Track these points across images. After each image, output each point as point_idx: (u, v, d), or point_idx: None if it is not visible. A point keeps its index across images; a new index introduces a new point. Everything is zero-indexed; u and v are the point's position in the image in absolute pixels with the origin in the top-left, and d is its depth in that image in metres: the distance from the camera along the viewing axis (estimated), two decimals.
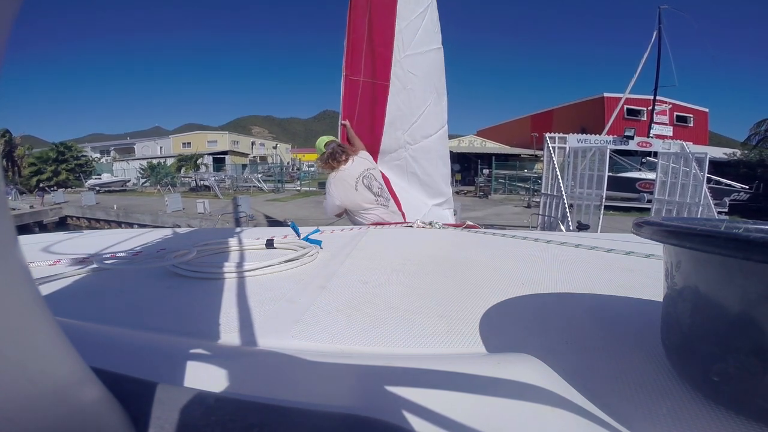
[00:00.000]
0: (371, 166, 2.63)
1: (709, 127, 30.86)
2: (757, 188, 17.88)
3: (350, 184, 2.51)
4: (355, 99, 2.86)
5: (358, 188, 2.51)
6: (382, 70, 2.85)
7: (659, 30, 17.31)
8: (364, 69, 2.83)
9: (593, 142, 9.07)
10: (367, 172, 2.57)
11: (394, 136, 2.96)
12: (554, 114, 33.29)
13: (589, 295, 0.79)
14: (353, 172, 2.52)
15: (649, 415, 0.40)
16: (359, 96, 2.86)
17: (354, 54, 2.80)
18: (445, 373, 0.44)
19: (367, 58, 2.82)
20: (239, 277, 0.89)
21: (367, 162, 2.62)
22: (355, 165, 2.55)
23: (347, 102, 2.87)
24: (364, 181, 2.53)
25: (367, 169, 2.58)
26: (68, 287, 0.86)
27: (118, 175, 32.19)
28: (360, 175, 2.53)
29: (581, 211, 7.75)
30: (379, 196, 2.57)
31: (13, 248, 0.20)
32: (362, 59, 2.81)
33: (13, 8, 0.18)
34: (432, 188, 3.11)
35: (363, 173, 2.54)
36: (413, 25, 2.87)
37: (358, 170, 2.54)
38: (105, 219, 16.28)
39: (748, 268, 0.34)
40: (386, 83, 2.86)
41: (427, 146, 3.03)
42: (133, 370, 0.35)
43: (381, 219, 2.48)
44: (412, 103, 2.96)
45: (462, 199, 17.81)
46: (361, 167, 2.56)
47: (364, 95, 2.87)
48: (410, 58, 2.89)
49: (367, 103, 2.88)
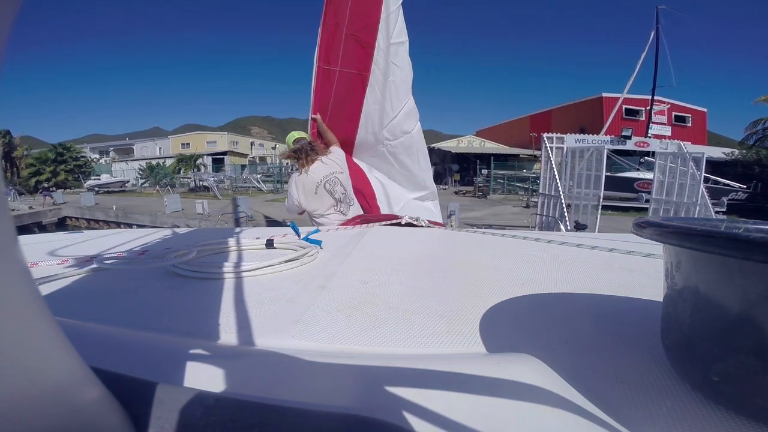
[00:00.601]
0: (338, 170, 2.54)
1: (707, 127, 30.92)
2: (755, 188, 17.91)
3: (311, 187, 2.47)
4: (329, 90, 2.76)
5: (319, 192, 2.47)
6: (363, 59, 2.73)
7: (657, 30, 17.33)
8: (342, 58, 2.72)
9: (591, 142, 9.08)
10: (332, 176, 2.50)
11: (371, 130, 2.87)
12: (553, 114, 33.35)
13: (589, 295, 0.79)
14: (316, 176, 2.47)
15: (649, 415, 0.40)
16: (334, 87, 2.76)
17: (332, 43, 2.69)
18: (445, 373, 0.44)
19: (345, 47, 2.70)
20: (239, 277, 0.89)
21: (335, 165, 2.53)
22: (320, 168, 2.49)
23: (320, 94, 2.76)
24: (327, 185, 2.48)
25: (332, 173, 2.50)
26: (68, 287, 0.86)
27: (117, 176, 32.17)
28: (323, 179, 2.47)
29: (579, 211, 7.77)
30: (340, 203, 2.52)
31: (13, 248, 0.20)
32: (340, 48, 2.69)
33: (13, 8, 0.18)
34: (413, 182, 3.05)
35: (327, 177, 2.48)
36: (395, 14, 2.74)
37: (322, 173, 2.48)
38: (104, 220, 16.27)
39: (748, 268, 0.34)
40: (366, 74, 2.75)
41: (407, 142, 2.94)
42: (133, 370, 0.34)
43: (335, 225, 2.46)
44: (393, 96, 2.83)
45: (461, 199, 17.82)
46: (325, 171, 2.49)
47: (340, 86, 2.77)
48: (394, 47, 2.76)
49: (342, 94, 2.78)
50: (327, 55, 2.71)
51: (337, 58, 2.71)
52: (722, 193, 16.21)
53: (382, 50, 2.74)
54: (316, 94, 2.78)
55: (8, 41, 0.19)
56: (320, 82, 2.76)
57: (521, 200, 18.90)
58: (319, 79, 2.76)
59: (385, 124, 2.84)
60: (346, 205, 2.55)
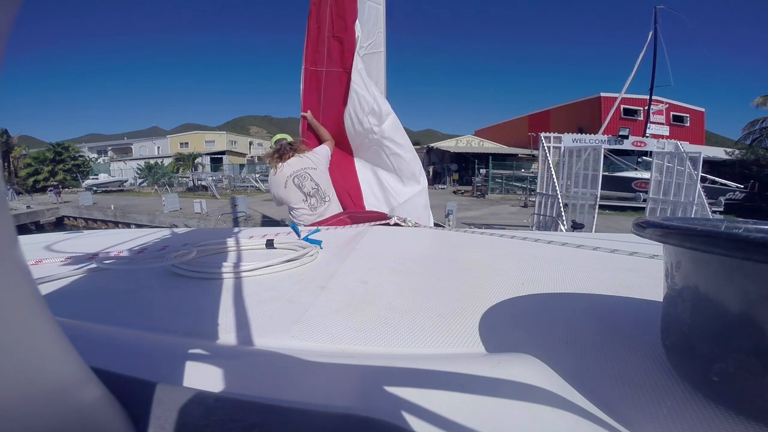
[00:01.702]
0: (310, 166, 2.61)
1: (705, 127, 30.99)
2: (752, 187, 17.97)
3: (281, 181, 2.57)
4: (319, 91, 2.83)
5: (288, 186, 2.56)
6: (347, 57, 2.79)
7: (655, 30, 17.36)
8: (327, 59, 2.79)
9: (588, 141, 9.09)
10: (302, 171, 2.58)
11: (357, 120, 2.89)
12: (552, 114, 33.40)
13: (590, 295, 0.79)
14: (286, 171, 2.56)
15: (649, 415, 0.40)
16: (323, 87, 2.83)
17: (316, 45, 2.77)
18: (445, 373, 0.44)
19: (329, 47, 2.78)
20: (239, 277, 0.89)
21: (308, 161, 2.62)
22: (293, 163, 2.58)
23: (310, 95, 2.84)
24: (295, 180, 2.56)
25: (303, 168, 2.58)
26: (68, 287, 0.86)
27: (116, 176, 32.13)
28: (292, 174, 2.56)
29: (576, 210, 7.79)
30: (309, 197, 2.59)
31: (13, 248, 0.20)
32: (324, 49, 2.77)
33: (13, 8, 0.18)
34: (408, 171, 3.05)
35: (296, 172, 2.57)
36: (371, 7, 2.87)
37: (292, 169, 2.57)
38: (102, 219, 16.26)
39: (748, 268, 0.34)
40: (350, 71, 2.80)
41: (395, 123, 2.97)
42: (133, 370, 0.34)
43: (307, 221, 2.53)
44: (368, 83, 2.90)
45: (459, 199, 17.84)
46: (296, 166, 2.58)
47: (328, 86, 2.83)
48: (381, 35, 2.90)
49: (331, 93, 2.85)
50: (313, 57, 2.80)
51: (323, 59, 2.79)
52: (720, 193, 16.26)
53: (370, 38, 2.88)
54: (306, 96, 2.86)
55: (8, 42, 0.19)
56: (309, 83, 2.84)
57: (519, 200, 18.93)
58: (307, 81, 2.84)
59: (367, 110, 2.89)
60: (318, 200, 2.60)
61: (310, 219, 2.55)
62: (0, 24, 0.18)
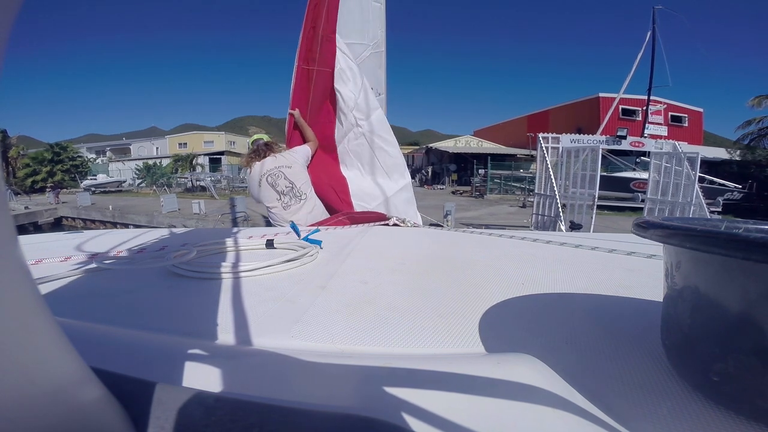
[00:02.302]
0: (285, 164, 2.62)
1: (704, 127, 31.02)
2: (750, 187, 18.00)
3: (255, 180, 2.60)
4: (308, 89, 2.85)
5: (261, 185, 2.58)
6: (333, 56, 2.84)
7: (653, 30, 17.39)
8: (319, 58, 2.82)
9: (586, 142, 9.11)
10: (275, 170, 2.59)
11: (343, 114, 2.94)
12: (550, 114, 33.41)
13: (590, 295, 0.79)
14: (260, 170, 2.59)
15: (649, 415, 0.40)
16: (312, 86, 2.85)
17: (311, 44, 2.80)
18: (445, 374, 0.44)
19: (322, 47, 2.81)
20: (239, 277, 0.89)
21: (284, 159, 2.63)
22: (267, 163, 2.60)
23: (300, 92, 2.86)
24: (269, 179, 2.57)
25: (276, 167, 2.59)
26: (68, 287, 0.85)
27: (114, 176, 32.03)
28: (266, 172, 2.58)
29: (574, 210, 7.79)
30: (283, 195, 2.59)
31: (13, 248, 0.20)
32: (317, 49, 2.80)
33: (13, 8, 0.18)
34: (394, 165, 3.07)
35: (270, 171, 2.58)
36: None
37: (266, 168, 2.59)
38: (100, 220, 16.22)
39: (748, 268, 0.34)
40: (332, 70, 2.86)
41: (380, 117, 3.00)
42: (133, 370, 0.34)
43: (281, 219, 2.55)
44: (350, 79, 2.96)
45: (458, 199, 17.85)
46: (270, 165, 2.59)
47: (318, 85, 2.86)
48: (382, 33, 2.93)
49: (320, 92, 2.87)
50: (307, 55, 2.83)
51: (315, 58, 2.82)
52: (718, 193, 16.28)
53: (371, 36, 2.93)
54: (295, 93, 2.88)
55: (8, 42, 0.19)
56: (299, 81, 2.86)
57: (518, 200, 18.94)
58: (298, 79, 2.86)
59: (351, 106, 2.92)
60: (292, 198, 2.61)
61: (284, 217, 2.55)
62: (0, 24, 0.18)
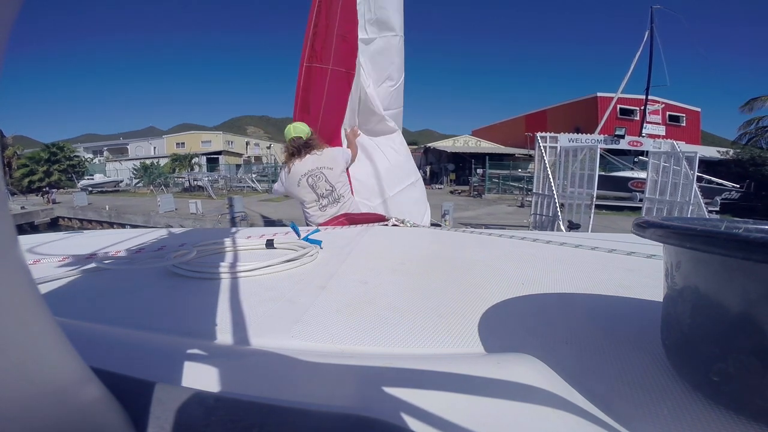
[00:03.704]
0: (326, 165, 2.59)
1: (701, 127, 31.08)
2: (748, 187, 18.03)
3: (295, 178, 2.56)
4: (321, 88, 2.80)
5: (300, 184, 2.56)
6: (350, 58, 2.80)
7: (651, 30, 17.42)
8: (333, 57, 2.77)
9: (584, 141, 9.11)
10: (317, 171, 2.56)
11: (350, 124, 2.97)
12: (548, 114, 33.42)
13: (589, 295, 0.79)
14: (301, 168, 2.56)
15: (649, 415, 0.40)
16: (327, 85, 2.80)
17: (324, 42, 2.75)
18: (445, 374, 0.44)
19: (336, 46, 2.76)
20: (239, 277, 0.89)
21: (325, 160, 2.60)
22: (309, 161, 2.57)
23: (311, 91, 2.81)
24: (309, 179, 2.55)
25: (318, 168, 2.57)
26: (68, 287, 0.85)
27: (111, 176, 31.93)
28: (307, 173, 2.55)
29: (573, 210, 7.80)
30: (322, 198, 2.58)
31: (13, 248, 0.20)
32: (332, 47, 2.75)
33: (13, 8, 0.18)
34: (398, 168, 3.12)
35: (311, 171, 2.56)
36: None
37: (307, 167, 2.56)
38: (97, 220, 16.15)
39: (749, 268, 0.34)
40: (352, 72, 2.82)
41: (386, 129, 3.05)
42: (133, 370, 0.34)
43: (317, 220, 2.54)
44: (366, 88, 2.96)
45: (456, 199, 17.86)
46: (311, 165, 2.57)
47: (331, 84, 2.81)
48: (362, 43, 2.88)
49: (332, 92, 2.83)
50: (320, 53, 2.75)
51: (329, 57, 2.76)
52: (716, 193, 16.31)
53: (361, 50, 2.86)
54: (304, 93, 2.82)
55: (8, 42, 0.19)
56: (308, 80, 2.80)
57: (516, 200, 18.94)
58: (307, 78, 2.80)
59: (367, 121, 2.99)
60: (331, 201, 2.59)
61: (320, 219, 2.54)
62: (0, 24, 0.18)
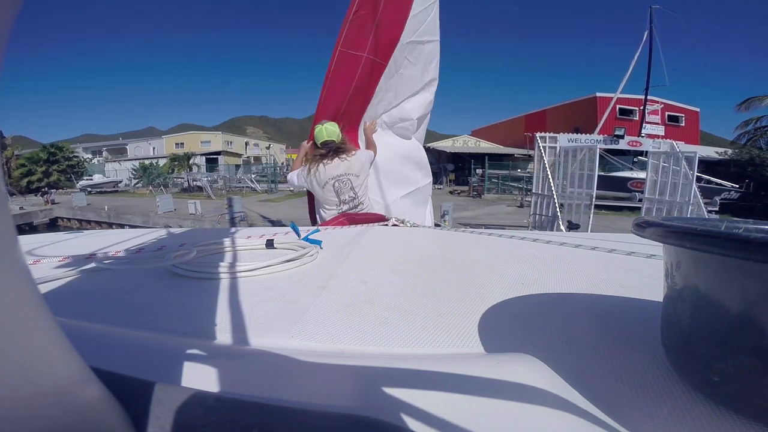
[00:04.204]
0: (354, 172, 2.60)
1: (700, 127, 31.12)
2: (747, 187, 18.06)
3: (322, 181, 2.58)
4: (353, 75, 2.76)
5: (326, 188, 2.58)
6: (386, 50, 2.80)
7: (651, 30, 17.46)
8: (370, 46, 2.73)
9: (584, 141, 9.12)
10: (344, 177, 2.58)
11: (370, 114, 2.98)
12: (548, 114, 33.45)
13: (589, 295, 0.79)
14: (331, 172, 2.57)
15: (649, 415, 0.40)
16: (358, 72, 2.77)
17: (363, 29, 2.69)
18: (445, 374, 0.44)
19: (375, 35, 2.73)
20: (239, 277, 0.89)
21: (352, 166, 2.60)
22: (337, 166, 2.58)
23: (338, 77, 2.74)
24: (336, 184, 2.57)
25: (346, 174, 2.58)
26: (68, 287, 0.85)
27: (110, 176, 31.86)
28: (334, 177, 2.57)
29: (572, 210, 7.81)
30: (344, 203, 2.60)
31: (13, 248, 0.20)
32: (370, 35, 2.71)
33: (13, 8, 0.18)
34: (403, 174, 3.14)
35: (339, 177, 2.57)
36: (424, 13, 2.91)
37: (336, 172, 2.57)
38: (96, 220, 16.12)
39: (749, 268, 0.34)
40: (385, 63, 2.82)
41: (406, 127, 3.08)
42: (133, 370, 0.34)
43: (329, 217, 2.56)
44: (399, 87, 2.98)
45: (455, 199, 17.87)
46: (340, 170, 2.58)
47: (363, 72, 2.79)
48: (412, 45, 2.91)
49: (363, 80, 2.82)
50: (356, 40, 2.69)
51: (366, 44, 2.72)
52: (715, 193, 16.33)
53: (402, 45, 2.86)
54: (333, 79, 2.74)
55: (8, 42, 0.19)
56: (340, 65, 2.72)
57: (515, 200, 18.96)
58: (338, 63, 2.71)
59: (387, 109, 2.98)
60: (351, 207, 2.61)
61: None
62: (0, 24, 0.18)
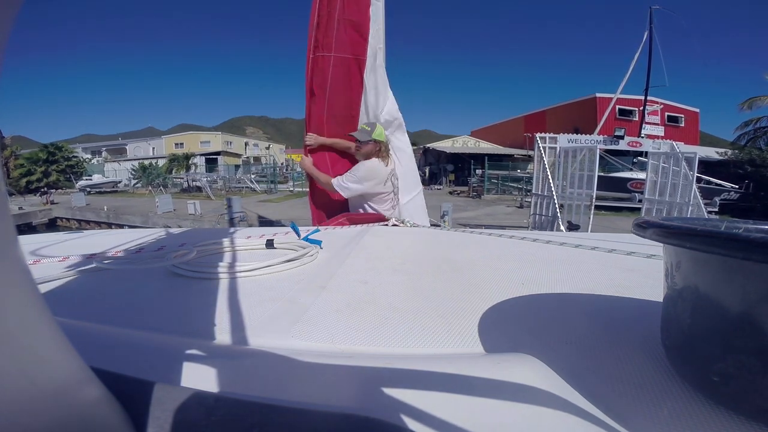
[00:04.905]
0: (396, 168, 2.85)
1: (700, 127, 31.14)
2: (747, 187, 18.06)
3: (384, 176, 2.72)
4: (325, 78, 2.69)
5: (387, 183, 2.74)
6: (358, 43, 2.68)
7: (650, 30, 17.47)
8: (336, 44, 2.64)
9: (584, 142, 9.12)
10: (394, 171, 2.83)
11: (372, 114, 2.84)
12: (547, 114, 33.47)
13: (589, 296, 0.79)
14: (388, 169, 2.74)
15: (649, 415, 0.40)
16: (330, 74, 2.68)
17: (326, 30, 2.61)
18: (445, 374, 0.44)
19: (339, 32, 2.63)
20: (239, 277, 0.89)
21: (394, 164, 2.85)
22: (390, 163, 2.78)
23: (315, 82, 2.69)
24: (393, 179, 2.80)
25: (394, 170, 2.82)
26: (68, 287, 0.85)
27: (110, 176, 31.82)
28: (391, 172, 2.77)
29: (572, 211, 7.80)
30: (395, 195, 2.84)
31: (13, 248, 0.20)
32: (333, 34, 2.62)
33: (13, 8, 0.18)
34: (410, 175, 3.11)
35: (393, 172, 2.80)
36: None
37: (391, 167, 2.77)
38: (95, 220, 16.08)
39: (748, 268, 0.34)
40: (362, 57, 2.70)
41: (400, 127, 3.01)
42: (133, 370, 0.34)
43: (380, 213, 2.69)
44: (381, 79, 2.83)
45: (455, 200, 17.86)
46: (392, 166, 2.79)
47: (336, 72, 2.69)
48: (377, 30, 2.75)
49: (339, 81, 2.72)
50: (321, 42, 2.63)
51: (331, 44, 2.65)
52: (715, 193, 16.33)
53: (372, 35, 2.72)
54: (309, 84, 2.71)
55: (8, 42, 0.19)
56: (314, 71, 2.69)
57: (515, 200, 18.94)
58: (311, 69, 2.69)
59: (382, 107, 2.85)
60: (395, 199, 2.86)
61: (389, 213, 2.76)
62: (0, 24, 0.18)
